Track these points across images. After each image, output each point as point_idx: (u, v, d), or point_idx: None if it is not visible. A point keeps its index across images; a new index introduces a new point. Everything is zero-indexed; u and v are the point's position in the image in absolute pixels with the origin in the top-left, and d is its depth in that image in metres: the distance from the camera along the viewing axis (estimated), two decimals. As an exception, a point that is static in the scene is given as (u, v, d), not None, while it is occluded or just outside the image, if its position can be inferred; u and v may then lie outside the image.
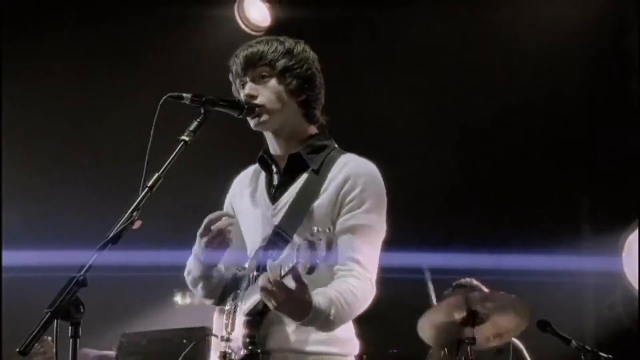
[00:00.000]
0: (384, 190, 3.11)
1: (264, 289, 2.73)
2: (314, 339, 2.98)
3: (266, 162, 3.24)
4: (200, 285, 3.23)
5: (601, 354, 5.70)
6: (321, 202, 3.04)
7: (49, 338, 5.92)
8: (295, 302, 2.76)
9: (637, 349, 6.21)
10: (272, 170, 3.22)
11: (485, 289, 6.32)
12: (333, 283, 2.94)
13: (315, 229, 2.56)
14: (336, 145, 3.22)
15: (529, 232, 6.81)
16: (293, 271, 2.62)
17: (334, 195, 3.03)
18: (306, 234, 2.81)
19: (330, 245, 2.50)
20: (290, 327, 2.98)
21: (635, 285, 6.40)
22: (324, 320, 2.84)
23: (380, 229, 3.07)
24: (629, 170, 6.85)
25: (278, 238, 3.03)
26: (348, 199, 3.02)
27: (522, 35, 6.90)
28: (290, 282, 2.69)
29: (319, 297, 2.83)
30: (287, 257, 2.64)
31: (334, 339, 2.99)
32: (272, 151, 3.23)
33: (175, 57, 7.43)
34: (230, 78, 3.23)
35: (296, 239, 2.94)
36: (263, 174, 3.27)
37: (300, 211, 3.06)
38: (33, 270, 5.83)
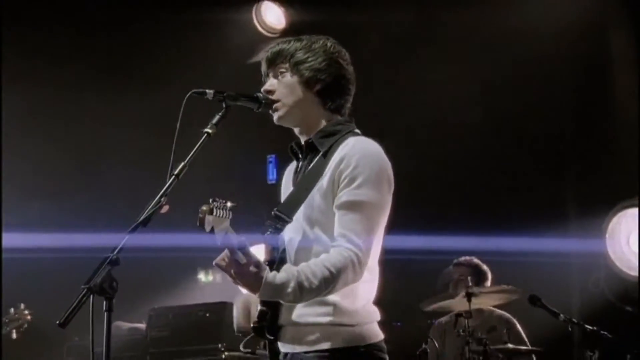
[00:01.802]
0: (381, 167, 2.97)
1: (218, 265, 2.80)
2: (317, 311, 2.92)
3: (294, 151, 3.19)
4: None
5: (586, 325, 5.71)
6: (322, 183, 2.98)
7: (23, 305, 5.87)
8: (246, 275, 2.77)
9: (619, 320, 6.20)
10: (299, 158, 3.17)
11: (484, 266, 6.35)
12: (315, 258, 2.88)
13: None
14: (353, 130, 3.12)
15: (520, 216, 6.79)
16: (242, 247, 2.72)
17: (332, 176, 2.95)
18: (305, 214, 2.90)
19: None
20: (299, 304, 2.94)
21: (618, 264, 6.39)
22: (282, 293, 2.81)
23: (375, 203, 2.92)
24: (611, 160, 6.83)
25: (277, 219, 3.01)
26: (342, 177, 2.93)
27: (516, 36, 6.86)
28: (242, 258, 2.74)
29: (281, 272, 2.82)
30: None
31: (338, 310, 2.91)
32: (301, 142, 3.16)
33: (199, 56, 7.43)
34: (263, 79, 3.19)
35: (296, 218, 2.99)
36: (295, 163, 3.22)
37: (301, 194, 3.02)
38: (69, 251, 5.82)
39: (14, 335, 5.84)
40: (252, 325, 3.02)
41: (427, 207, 7.13)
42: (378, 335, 3.01)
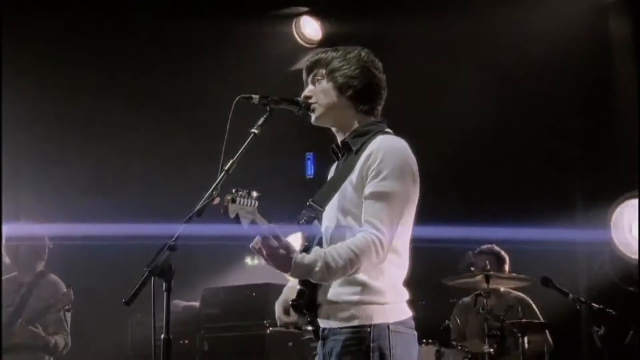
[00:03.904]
0: (405, 161, 2.95)
1: (253, 248, 2.81)
2: (349, 290, 2.93)
3: (335, 151, 3.20)
4: None
5: (593, 304, 5.67)
6: (352, 178, 2.98)
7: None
8: (277, 257, 2.79)
9: (622, 299, 6.15)
10: (339, 157, 3.18)
11: (502, 253, 6.33)
12: (342, 242, 2.89)
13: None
14: (384, 129, 3.11)
15: (533, 208, 6.74)
16: (272, 233, 2.74)
17: (360, 170, 2.95)
18: (338, 204, 2.92)
19: None
20: (333, 284, 2.95)
21: (622, 249, 6.33)
22: (311, 272, 2.82)
23: (398, 194, 2.90)
24: (614, 157, 6.76)
25: (311, 208, 3.02)
26: (369, 171, 2.92)
27: (525, 37, 6.78)
28: (273, 242, 2.76)
29: (310, 253, 2.84)
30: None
31: (369, 289, 2.91)
32: (338, 142, 3.17)
33: (246, 63, 7.45)
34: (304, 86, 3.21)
35: (329, 207, 3.01)
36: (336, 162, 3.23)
37: (333, 187, 3.03)
38: (130, 239, 5.86)
39: (62, 315, 5.83)
40: (291, 302, 3.03)
41: (453, 202, 7.09)
42: (406, 312, 3.00)
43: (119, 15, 7.09)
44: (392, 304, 2.95)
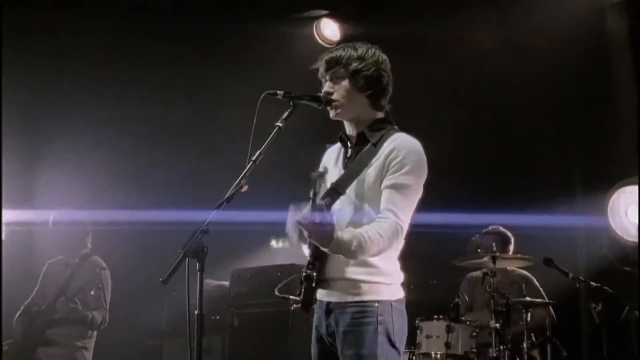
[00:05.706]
0: (422, 160, 3.06)
1: (299, 222, 2.82)
2: (363, 271, 3.01)
3: (343, 139, 3.25)
4: None
5: (591, 282, 5.65)
6: (373, 167, 3.05)
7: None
8: (320, 234, 2.81)
9: (618, 279, 6.12)
10: (347, 145, 3.23)
11: (508, 233, 6.32)
12: (367, 225, 2.95)
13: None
14: (395, 127, 3.19)
15: (535, 196, 6.72)
16: (318, 210, 2.77)
17: (382, 162, 3.03)
18: (356, 190, 2.99)
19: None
20: (344, 261, 3.01)
21: (619, 232, 6.30)
22: (347, 250, 2.87)
23: (415, 188, 3.02)
24: (613, 147, 6.71)
25: (334, 191, 3.05)
26: (392, 164, 3.01)
27: (528, 34, 6.72)
28: (317, 219, 2.77)
29: (345, 232, 2.88)
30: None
31: (379, 271, 3.02)
32: (347, 132, 3.24)
33: (269, 62, 7.46)
34: (319, 75, 3.24)
35: (348, 192, 3.05)
36: (343, 149, 3.27)
37: (354, 173, 3.08)
38: (166, 224, 5.89)
39: (101, 293, 5.85)
40: (303, 273, 3.07)
41: (462, 190, 7.07)
42: (402, 291, 3.12)
43: (154, 17, 7.13)
44: (394, 284, 3.08)
